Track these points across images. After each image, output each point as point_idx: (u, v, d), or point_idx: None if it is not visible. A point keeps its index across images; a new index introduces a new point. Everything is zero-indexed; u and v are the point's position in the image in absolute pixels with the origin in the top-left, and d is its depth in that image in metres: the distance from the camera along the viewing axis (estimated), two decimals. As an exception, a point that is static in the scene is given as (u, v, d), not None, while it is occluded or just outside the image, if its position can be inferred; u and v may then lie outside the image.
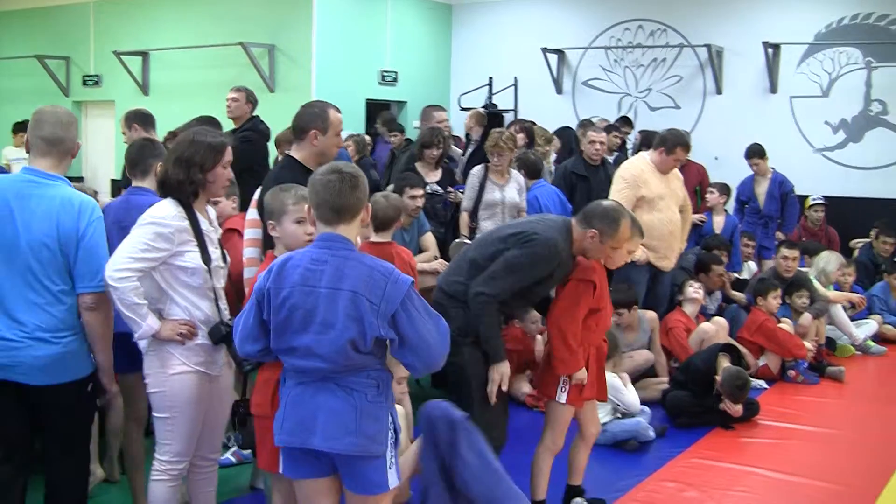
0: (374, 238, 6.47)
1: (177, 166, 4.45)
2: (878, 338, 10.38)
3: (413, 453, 4.81)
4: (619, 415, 7.02)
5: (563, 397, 5.28)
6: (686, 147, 8.56)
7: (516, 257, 5.15)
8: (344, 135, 11.60)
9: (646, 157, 8.67)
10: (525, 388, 7.86)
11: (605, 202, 5.48)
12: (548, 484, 5.46)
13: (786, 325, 8.97)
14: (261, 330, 3.92)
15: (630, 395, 7.06)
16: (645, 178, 8.42)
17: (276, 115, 9.43)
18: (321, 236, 3.85)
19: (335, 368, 3.77)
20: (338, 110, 5.60)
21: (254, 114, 9.24)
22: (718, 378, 7.36)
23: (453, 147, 10.74)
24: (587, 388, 5.32)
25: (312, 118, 5.46)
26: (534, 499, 5.38)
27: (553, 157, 11.33)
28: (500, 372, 5.18)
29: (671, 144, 8.46)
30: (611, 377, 6.64)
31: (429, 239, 8.06)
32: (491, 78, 15.70)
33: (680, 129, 9.04)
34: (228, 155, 4.60)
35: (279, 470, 4.08)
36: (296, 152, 5.54)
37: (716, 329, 8.65)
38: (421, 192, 8.00)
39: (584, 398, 5.36)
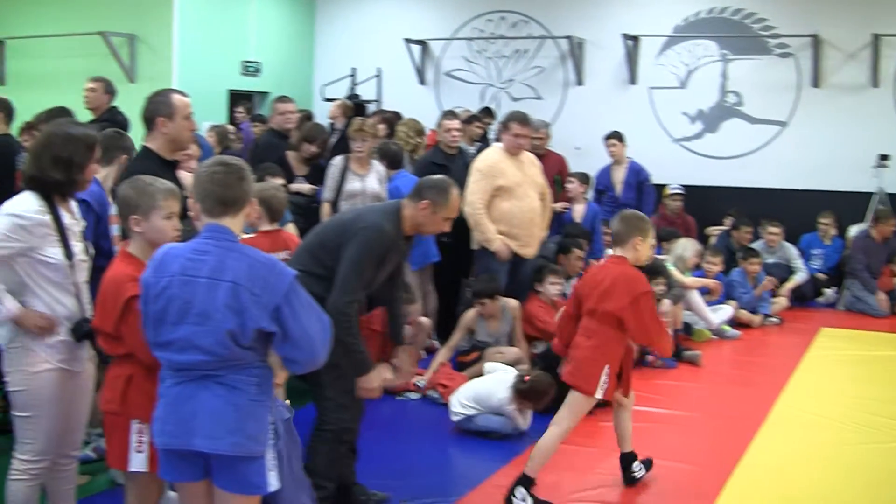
0: (266, 227, 6.42)
1: (56, 166, 4.37)
2: (734, 322, 10.66)
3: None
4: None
5: (600, 392, 5.56)
6: (519, 121, 8.62)
7: (354, 254, 5.15)
8: (206, 125, 11.63)
9: (498, 146, 8.77)
10: (388, 375, 7.80)
11: (433, 176, 5.57)
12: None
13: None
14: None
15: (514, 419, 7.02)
16: (500, 167, 8.50)
17: (137, 106, 9.19)
18: (205, 227, 3.79)
19: (216, 362, 3.68)
20: (183, 95, 5.56)
21: (112, 104, 9.07)
22: None
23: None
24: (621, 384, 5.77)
25: (157, 106, 5.45)
26: (526, 478, 5.58)
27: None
28: (370, 382, 5.24)
29: (506, 121, 8.67)
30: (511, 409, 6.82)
31: (291, 230, 8.00)
32: (354, 68, 15.64)
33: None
34: (99, 150, 4.56)
35: (128, 468, 4.01)
36: (150, 143, 5.49)
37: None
38: (282, 180, 7.95)
39: (613, 393, 5.71)
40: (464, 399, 6.93)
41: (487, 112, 13.55)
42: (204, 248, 3.73)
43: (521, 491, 5.58)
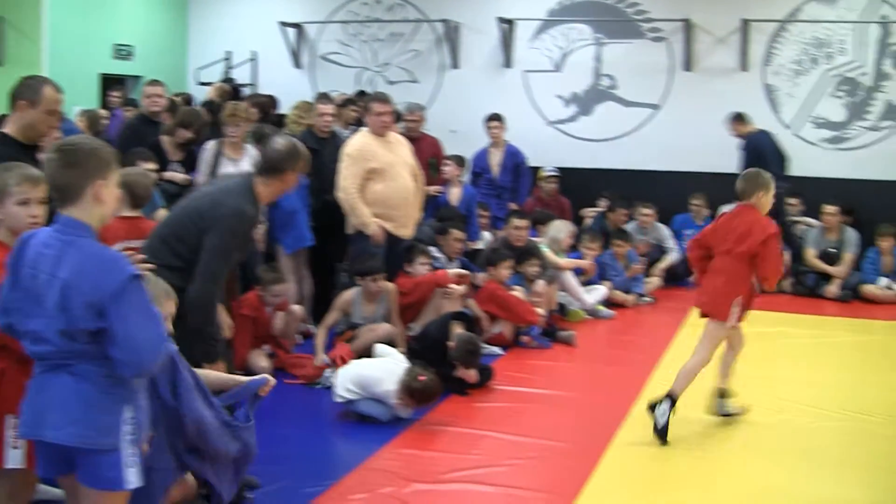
0: (127, 213, 6.22)
1: None
2: (608, 302, 10.79)
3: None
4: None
5: (733, 320, 6.58)
6: (380, 100, 8.72)
7: (219, 243, 5.13)
8: (76, 110, 11.34)
9: (366, 130, 8.77)
10: (263, 362, 7.73)
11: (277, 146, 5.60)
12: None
13: (518, 292, 9.18)
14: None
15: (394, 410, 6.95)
16: (370, 150, 8.51)
17: (5, 91, 8.96)
18: (56, 218, 3.65)
19: (65, 353, 3.55)
20: (57, 90, 5.38)
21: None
22: (452, 345, 7.46)
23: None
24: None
25: (25, 89, 5.30)
26: (673, 395, 6.47)
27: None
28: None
29: (367, 103, 8.89)
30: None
31: (161, 216, 7.85)
32: (229, 52, 15.45)
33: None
34: None
35: (3, 464, 3.90)
36: (7, 127, 5.32)
37: (458, 294, 8.76)
38: (153, 165, 7.82)
39: (741, 319, 6.70)
40: (349, 383, 6.85)
41: (363, 96, 13.49)
42: (49, 240, 3.60)
43: (665, 405, 6.43)
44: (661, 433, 6.37)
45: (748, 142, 12.44)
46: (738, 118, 12.61)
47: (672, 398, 6.45)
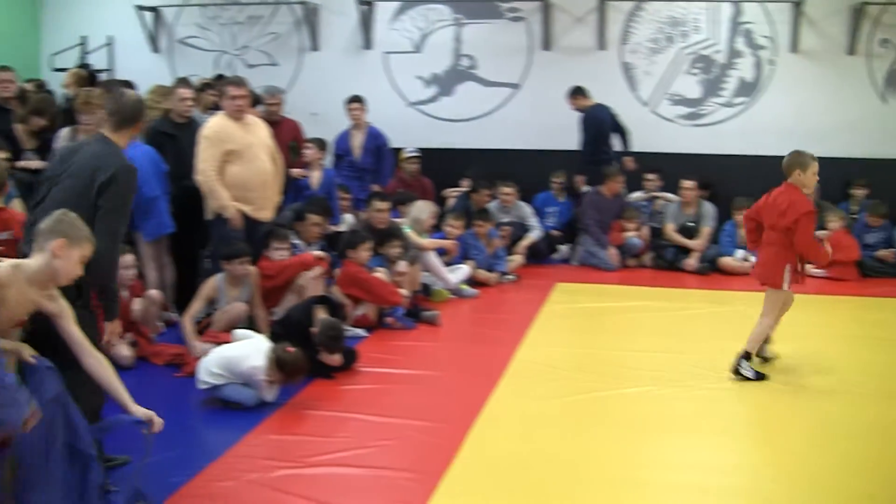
0: None
1: None
2: (472, 281, 10.83)
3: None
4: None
5: (786, 285, 7.43)
6: (234, 83, 8.66)
7: (116, 202, 5.25)
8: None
9: (223, 113, 8.68)
10: (125, 351, 7.58)
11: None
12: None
13: (381, 273, 9.14)
14: None
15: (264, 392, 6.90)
16: (227, 131, 8.43)
17: None
18: None
19: None
20: None
21: None
22: (315, 330, 7.39)
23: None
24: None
25: None
26: (748, 353, 7.46)
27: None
28: (116, 326, 5.49)
29: (222, 87, 8.83)
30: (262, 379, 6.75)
31: (16, 205, 7.62)
32: (85, 37, 15.05)
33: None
34: None
35: None
36: None
37: (313, 277, 8.70)
38: (5, 154, 7.60)
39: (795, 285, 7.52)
40: (213, 367, 6.76)
41: (221, 80, 13.25)
42: None
43: (744, 362, 7.41)
44: (760, 377, 7.41)
45: (586, 115, 12.70)
46: (577, 92, 12.82)
47: (747, 355, 7.45)
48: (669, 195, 13.00)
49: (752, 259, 11.81)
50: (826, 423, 6.55)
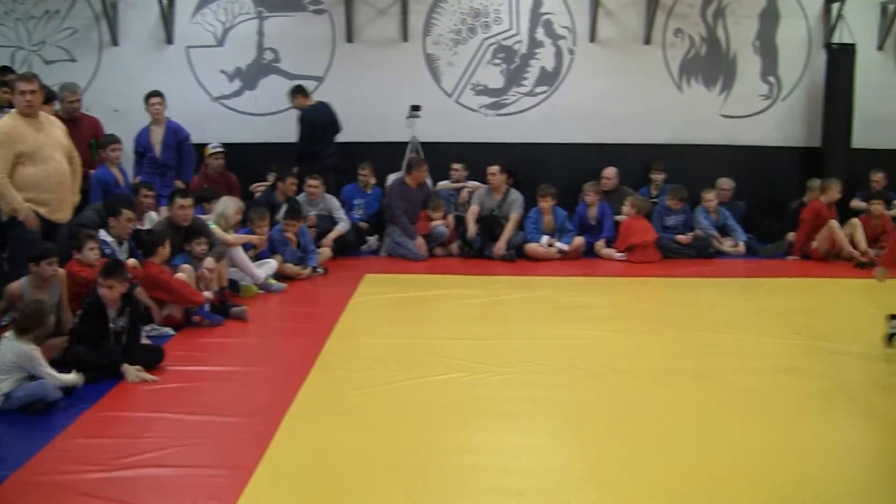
0: None
1: None
2: (280, 276, 10.78)
3: None
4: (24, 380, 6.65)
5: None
6: (25, 79, 8.41)
7: None
8: None
9: (14, 111, 8.41)
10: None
11: None
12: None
13: (185, 273, 8.99)
14: None
15: (46, 368, 6.71)
16: (18, 132, 8.20)
17: None
18: None
19: None
20: None
21: None
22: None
23: None
24: None
25: None
26: None
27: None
28: None
29: (11, 83, 8.72)
30: (28, 349, 6.60)
31: None
32: None
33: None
34: None
35: None
36: None
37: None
38: None
39: None
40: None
41: (6, 72, 12.81)
42: None
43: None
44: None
45: (303, 114, 12.91)
46: (296, 91, 13.11)
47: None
48: (475, 183, 13.19)
49: (558, 245, 12.16)
50: (628, 403, 6.80)
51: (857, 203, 13.74)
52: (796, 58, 14.49)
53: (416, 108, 13.36)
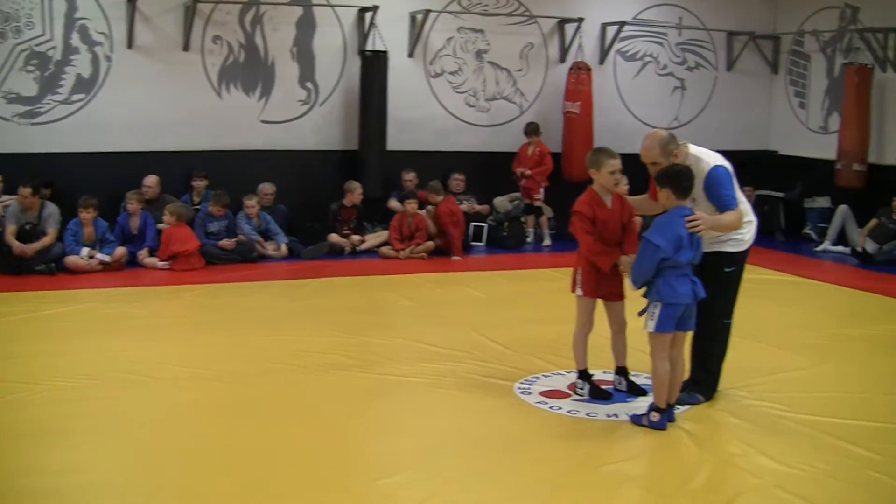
0: None
1: None
2: None
3: None
4: None
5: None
6: None
7: None
8: None
9: None
10: None
11: None
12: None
13: None
14: None
15: None
16: None
17: None
18: None
19: None
20: None
21: None
22: None
23: None
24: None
25: None
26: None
27: None
28: None
29: None
30: None
31: None
32: None
33: None
34: None
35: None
36: None
37: None
38: None
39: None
40: None
41: None
42: None
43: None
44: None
45: None
46: None
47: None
48: (6, 197, 12.67)
49: (99, 256, 11.95)
50: (171, 410, 6.94)
51: (393, 203, 14.49)
52: (333, 64, 15.01)
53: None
